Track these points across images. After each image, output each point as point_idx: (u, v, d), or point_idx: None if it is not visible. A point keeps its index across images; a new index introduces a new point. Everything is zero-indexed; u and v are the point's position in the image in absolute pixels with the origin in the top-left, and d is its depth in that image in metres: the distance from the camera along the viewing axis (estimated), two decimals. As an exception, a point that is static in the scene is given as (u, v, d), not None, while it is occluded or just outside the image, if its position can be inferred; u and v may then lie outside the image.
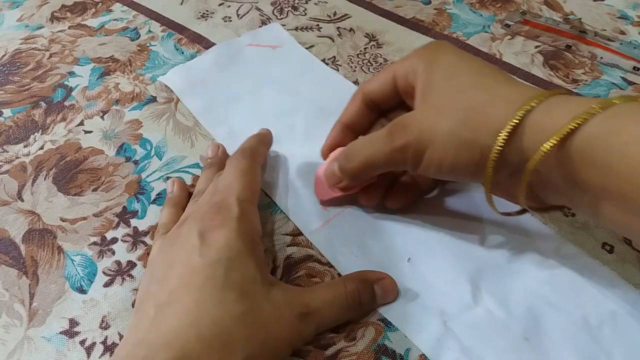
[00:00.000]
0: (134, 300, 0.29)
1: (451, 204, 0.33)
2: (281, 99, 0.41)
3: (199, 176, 0.36)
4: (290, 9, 0.51)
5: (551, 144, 0.21)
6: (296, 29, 0.49)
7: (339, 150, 0.31)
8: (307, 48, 0.46)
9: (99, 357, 0.27)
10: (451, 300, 0.28)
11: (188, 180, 0.36)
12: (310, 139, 0.38)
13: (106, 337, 0.28)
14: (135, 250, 0.32)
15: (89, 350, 0.28)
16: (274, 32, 0.48)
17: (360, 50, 0.46)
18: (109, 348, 0.28)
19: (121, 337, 0.28)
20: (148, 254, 0.31)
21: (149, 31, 0.49)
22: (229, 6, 0.52)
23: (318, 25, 0.49)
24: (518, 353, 0.26)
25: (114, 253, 0.32)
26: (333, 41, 0.47)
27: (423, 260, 0.30)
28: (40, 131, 0.40)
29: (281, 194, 0.34)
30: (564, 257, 0.30)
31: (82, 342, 0.28)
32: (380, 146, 0.27)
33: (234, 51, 0.46)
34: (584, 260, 0.30)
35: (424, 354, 0.27)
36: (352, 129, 0.32)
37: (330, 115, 0.33)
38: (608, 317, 0.28)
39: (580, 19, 0.48)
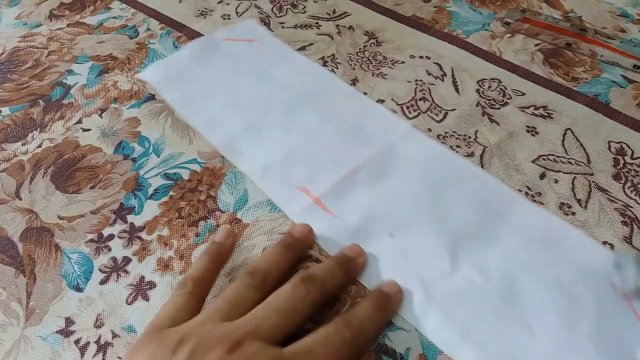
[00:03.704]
0: (128, 295, 0.29)
1: (429, 178, 0.34)
2: (258, 87, 0.42)
3: (196, 172, 0.36)
4: (289, 6, 0.51)
5: None
6: (295, 26, 0.49)
7: None
8: (306, 46, 0.46)
9: (92, 358, 0.27)
10: (431, 270, 0.30)
11: (185, 175, 0.36)
12: (289, 122, 0.39)
13: (99, 336, 0.28)
14: (131, 246, 0.32)
15: (82, 350, 0.27)
16: (250, 27, 0.49)
17: (360, 48, 0.46)
18: (102, 348, 0.27)
19: (114, 335, 0.28)
20: (144, 249, 0.31)
21: (148, 29, 0.49)
22: (228, 4, 0.52)
23: (317, 23, 0.49)
24: (497, 314, 0.28)
25: (110, 250, 0.32)
26: (332, 39, 0.47)
27: (403, 234, 0.31)
28: (38, 129, 0.40)
29: (263, 178, 0.35)
30: (537, 221, 0.32)
31: (77, 342, 0.28)
32: None
33: (211, 46, 0.46)
34: (556, 223, 0.32)
35: (423, 354, 0.27)
36: None
37: (309, 100, 0.35)
38: (580, 276, 0.29)
39: (580, 16, 0.48)
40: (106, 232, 0.33)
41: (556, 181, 0.34)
